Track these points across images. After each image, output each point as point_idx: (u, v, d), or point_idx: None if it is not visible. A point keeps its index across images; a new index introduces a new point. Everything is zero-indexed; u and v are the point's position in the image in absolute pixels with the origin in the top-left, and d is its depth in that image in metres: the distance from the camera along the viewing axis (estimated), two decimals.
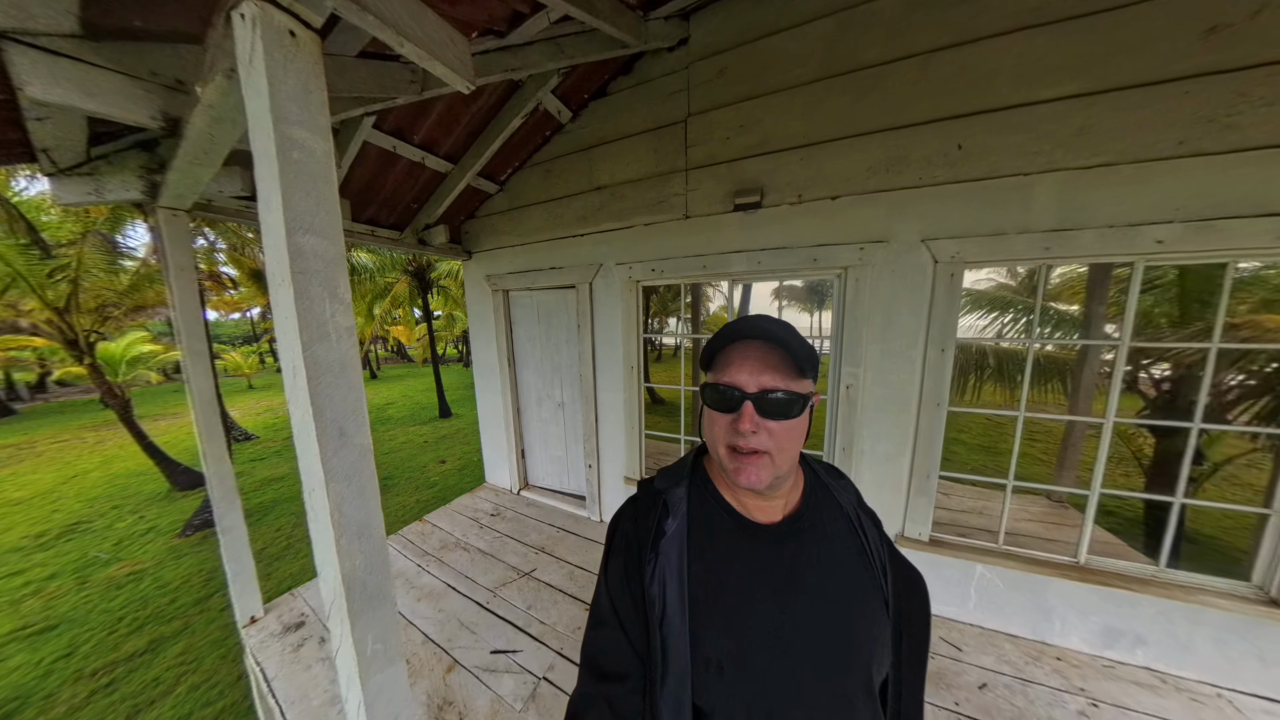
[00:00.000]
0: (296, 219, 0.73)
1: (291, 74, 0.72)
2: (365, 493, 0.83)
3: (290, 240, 0.73)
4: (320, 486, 0.78)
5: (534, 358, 3.05)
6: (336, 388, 0.79)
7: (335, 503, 0.79)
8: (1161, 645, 1.58)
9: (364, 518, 0.83)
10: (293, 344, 0.75)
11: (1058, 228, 1.56)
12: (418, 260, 9.32)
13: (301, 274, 0.75)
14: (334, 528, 0.79)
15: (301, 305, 0.74)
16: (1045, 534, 2.38)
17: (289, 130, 0.71)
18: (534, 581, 2.15)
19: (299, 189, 0.74)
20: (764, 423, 0.48)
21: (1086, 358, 3.09)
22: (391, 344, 27.05)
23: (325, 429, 0.78)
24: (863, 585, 0.53)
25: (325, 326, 0.77)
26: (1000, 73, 1.56)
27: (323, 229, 0.77)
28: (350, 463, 0.81)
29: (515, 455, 3.19)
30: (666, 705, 0.47)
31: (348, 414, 0.81)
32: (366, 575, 0.84)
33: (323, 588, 0.84)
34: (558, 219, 2.62)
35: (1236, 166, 1.35)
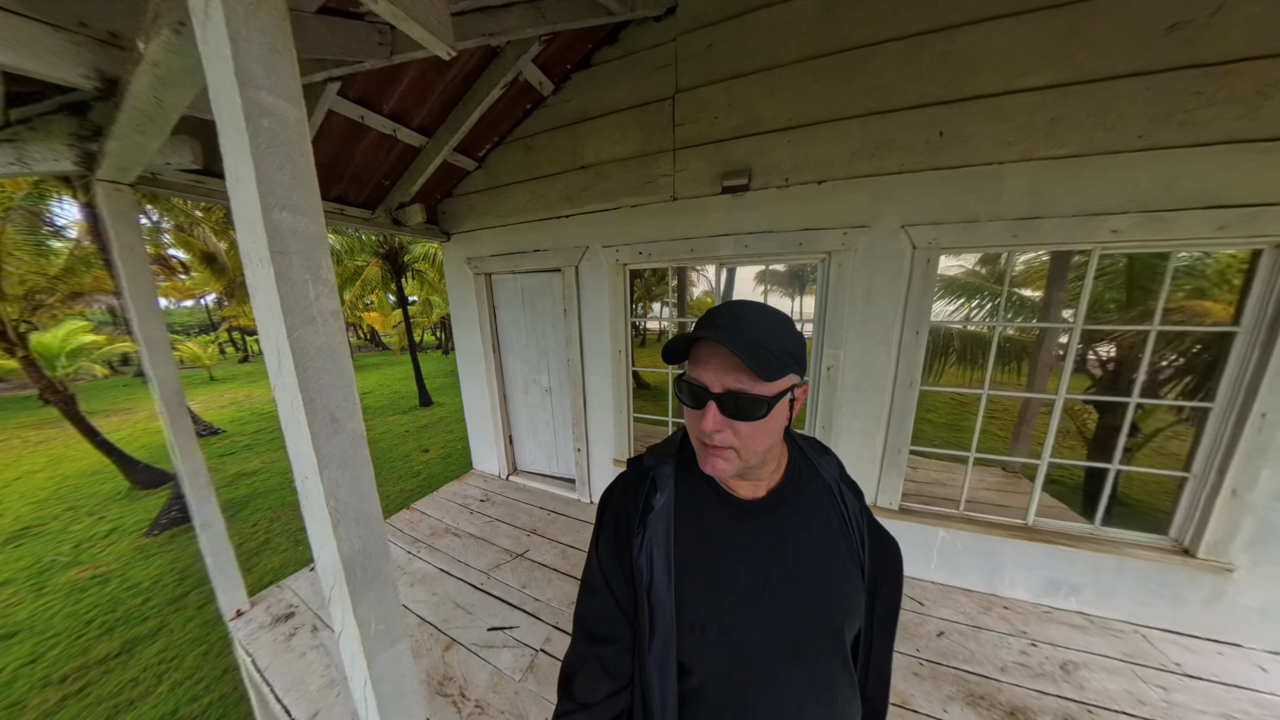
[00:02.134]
0: (272, 194, 0.69)
1: (256, 30, 0.65)
2: (361, 478, 0.83)
3: (267, 218, 0.69)
4: (314, 474, 0.77)
5: (519, 343, 3.00)
6: (325, 373, 0.77)
7: (330, 489, 0.78)
8: (1092, 592, 1.79)
9: (361, 503, 0.83)
10: (276, 328, 0.72)
11: (1026, 216, 1.65)
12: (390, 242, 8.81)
13: (281, 254, 0.71)
14: (330, 514, 0.78)
15: (284, 287, 0.71)
16: (1000, 500, 2.61)
17: (257, 95, 0.66)
18: (527, 562, 2.20)
19: (272, 162, 0.69)
20: (729, 422, 0.48)
21: (1043, 340, 3.32)
22: (365, 331, 25.84)
23: (316, 416, 0.76)
24: (840, 553, 0.56)
25: (310, 309, 0.74)
26: (983, 60, 1.59)
27: (301, 205, 0.73)
28: (344, 449, 0.80)
29: (503, 441, 3.18)
30: (654, 663, 0.50)
31: (339, 400, 0.79)
32: (366, 559, 0.84)
33: (321, 573, 0.84)
34: (541, 199, 2.53)
35: (1187, 161, 1.45)
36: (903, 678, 1.53)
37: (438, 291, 11.84)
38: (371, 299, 13.03)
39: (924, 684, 1.51)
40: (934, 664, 1.58)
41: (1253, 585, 1.59)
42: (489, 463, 3.33)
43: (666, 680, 0.50)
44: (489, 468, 3.34)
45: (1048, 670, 1.55)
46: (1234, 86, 1.37)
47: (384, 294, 11.76)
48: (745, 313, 0.50)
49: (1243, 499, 1.56)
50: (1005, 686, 1.49)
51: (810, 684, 0.52)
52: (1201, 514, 1.64)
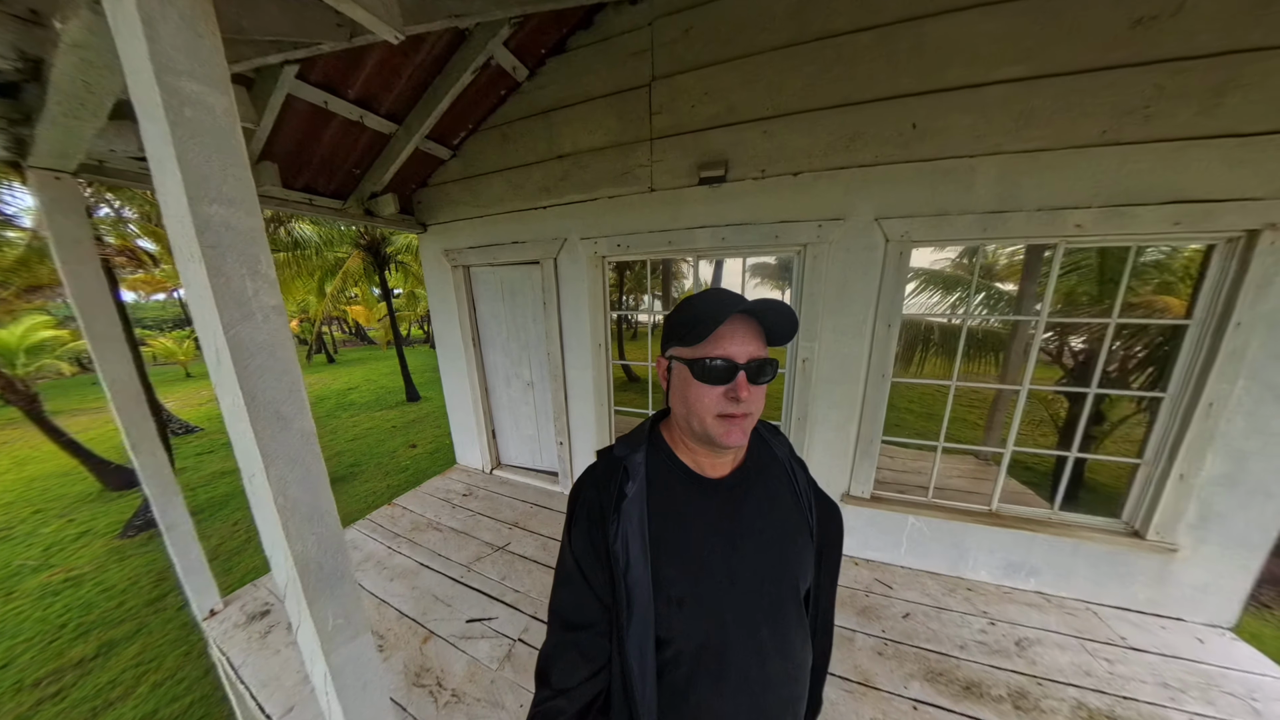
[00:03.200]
0: (199, 187, 0.66)
1: (172, 12, 0.62)
2: (312, 475, 0.81)
3: (195, 211, 0.66)
4: (260, 473, 0.76)
5: (500, 337, 2.97)
6: (268, 370, 0.75)
7: (279, 488, 0.77)
8: (1049, 573, 1.88)
9: (313, 501, 0.82)
10: (212, 325, 0.70)
11: (995, 209, 1.67)
12: (370, 233, 8.57)
13: (213, 249, 0.68)
14: (280, 513, 0.77)
15: (217, 283, 0.68)
16: (969, 487, 2.70)
17: (176, 82, 0.62)
18: (508, 555, 2.21)
19: (198, 152, 0.65)
20: (751, 388, 0.54)
21: (1016, 332, 3.41)
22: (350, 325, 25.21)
23: (260, 413, 0.74)
24: (794, 521, 0.62)
25: (248, 305, 0.72)
26: (955, 51, 1.58)
27: (233, 198, 0.70)
28: (292, 447, 0.79)
29: (486, 436, 3.16)
30: (632, 641, 0.53)
31: (284, 397, 0.77)
32: (321, 556, 0.83)
33: (275, 573, 0.84)
34: (518, 189, 2.47)
35: (1146, 157, 1.48)
36: (868, 657, 1.59)
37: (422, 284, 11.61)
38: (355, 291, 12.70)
39: (888, 663, 1.57)
40: (898, 644, 1.65)
41: (1194, 564, 1.69)
42: (472, 457, 3.31)
43: (645, 656, 0.53)
44: (472, 462, 3.33)
45: (1004, 647, 1.63)
46: (1193, 83, 1.39)
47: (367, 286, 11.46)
48: (729, 294, 0.56)
49: (1189, 483, 1.64)
50: (963, 663, 1.56)
51: (773, 638, 0.57)
52: (1152, 498, 1.73)
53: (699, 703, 0.55)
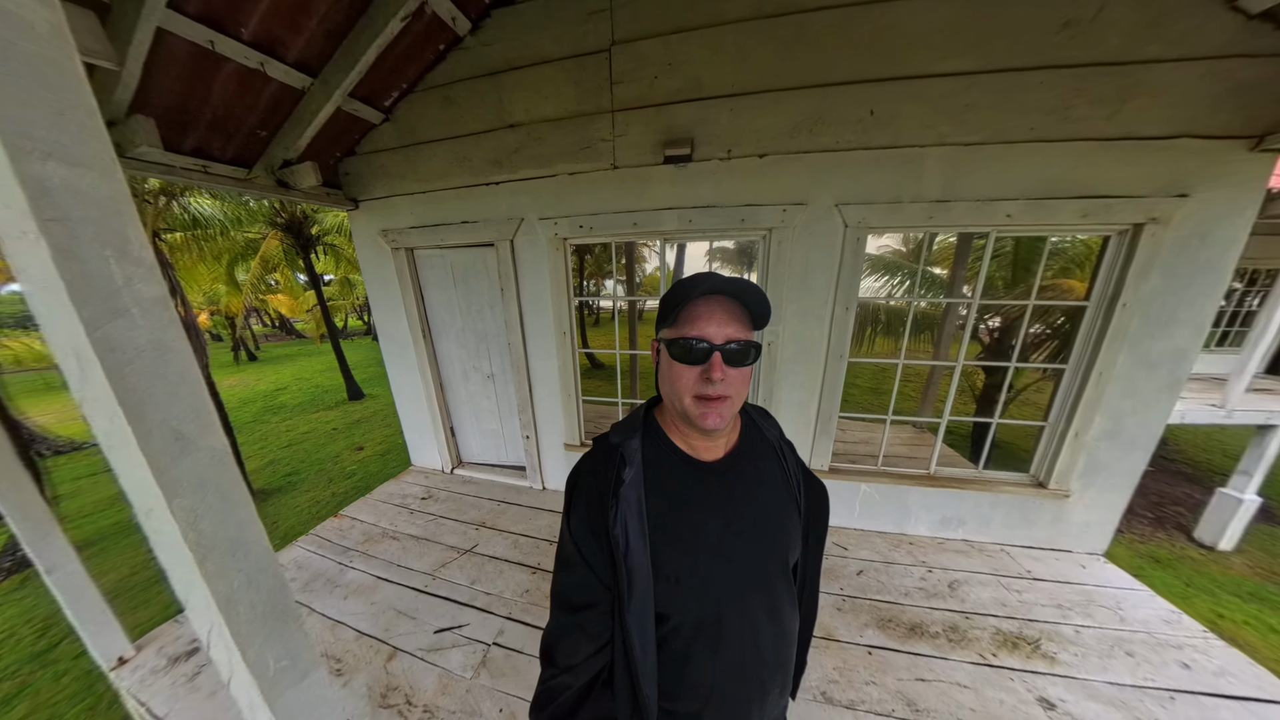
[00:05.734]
0: (21, 136, 0.49)
1: None
2: (232, 502, 0.68)
3: (20, 171, 0.49)
4: (160, 507, 0.62)
5: (454, 326, 2.73)
6: (157, 379, 0.60)
7: (188, 522, 0.64)
8: (973, 523, 2.17)
9: (235, 532, 0.69)
10: (66, 325, 0.54)
11: (940, 199, 1.78)
12: (289, 210, 7.40)
13: (57, 223, 0.51)
14: (194, 550, 0.64)
15: (69, 270, 0.52)
16: (910, 454, 3.02)
17: None
18: (476, 557, 2.12)
19: (17, 88, 0.48)
20: (728, 371, 0.54)
21: (948, 313, 3.79)
22: (273, 317, 22.10)
23: (151, 433, 0.59)
24: (784, 499, 0.65)
25: (118, 298, 0.56)
26: (910, 38, 1.62)
27: (77, 154, 0.53)
28: (200, 470, 0.65)
29: (444, 433, 2.95)
30: (633, 618, 0.55)
31: (183, 410, 0.63)
32: (252, 593, 0.71)
33: (193, 619, 0.70)
34: (466, 162, 2.23)
35: (1065, 154, 1.64)
36: (829, 614, 1.74)
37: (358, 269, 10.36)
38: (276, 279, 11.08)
39: (845, 616, 1.74)
40: (853, 598, 1.83)
41: (1080, 506, 2.03)
42: (429, 457, 3.09)
43: (646, 631, 0.56)
44: (430, 462, 3.10)
45: (939, 590, 1.87)
46: (1104, 88, 1.55)
47: (290, 272, 10.02)
48: (720, 275, 0.56)
49: (1081, 440, 1.95)
50: (907, 608, 1.77)
51: (765, 608, 0.61)
52: (1053, 454, 2.03)
53: (696, 671, 0.58)
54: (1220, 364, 4.29)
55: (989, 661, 1.53)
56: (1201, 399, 3.77)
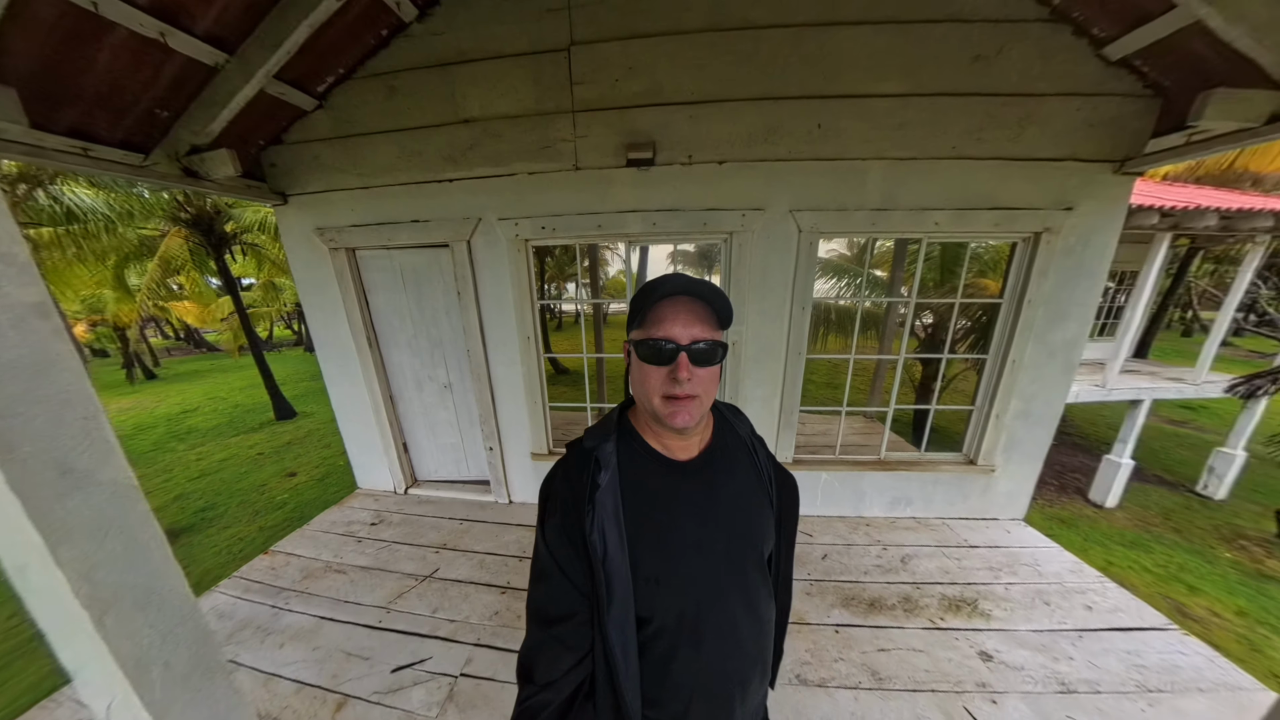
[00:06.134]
0: None
1: None
2: (140, 543, 0.58)
3: None
4: (41, 559, 0.50)
5: (405, 334, 2.53)
6: (36, 402, 0.49)
7: (80, 573, 0.52)
8: (919, 501, 2.38)
9: (146, 579, 0.58)
10: None
11: (881, 207, 1.95)
12: (196, 203, 6.43)
13: None
14: (87, 606, 0.52)
15: None
16: (863, 442, 3.26)
17: None
18: (437, 583, 1.96)
19: None
20: (695, 370, 0.55)
21: (889, 312, 4.16)
22: (177, 328, 19.01)
23: (29, 471, 0.48)
24: (756, 494, 0.67)
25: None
26: (852, 61, 1.76)
27: None
28: (97, 509, 0.54)
29: (395, 451, 2.71)
30: (613, 625, 0.55)
31: (71, 439, 0.52)
32: (171, 651, 0.60)
33: (85, 693, 0.58)
34: (415, 156, 2.08)
35: (980, 171, 1.86)
36: (798, 599, 1.82)
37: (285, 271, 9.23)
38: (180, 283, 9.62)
39: (814, 600, 1.82)
40: (820, 582, 1.93)
41: (1004, 478, 2.31)
42: (378, 478, 2.82)
43: (627, 637, 0.55)
44: (379, 484, 2.83)
45: (893, 565, 2.03)
46: (1007, 114, 1.78)
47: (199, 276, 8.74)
48: (685, 278, 0.56)
49: (1001, 420, 2.21)
50: (867, 585, 1.90)
51: (742, 601, 0.62)
52: (979, 434, 2.29)
53: (680, 671, 0.58)
54: (1100, 351, 5.11)
55: (938, 625, 1.68)
56: (1088, 381, 4.46)
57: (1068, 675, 1.47)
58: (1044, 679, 1.46)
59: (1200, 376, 4.58)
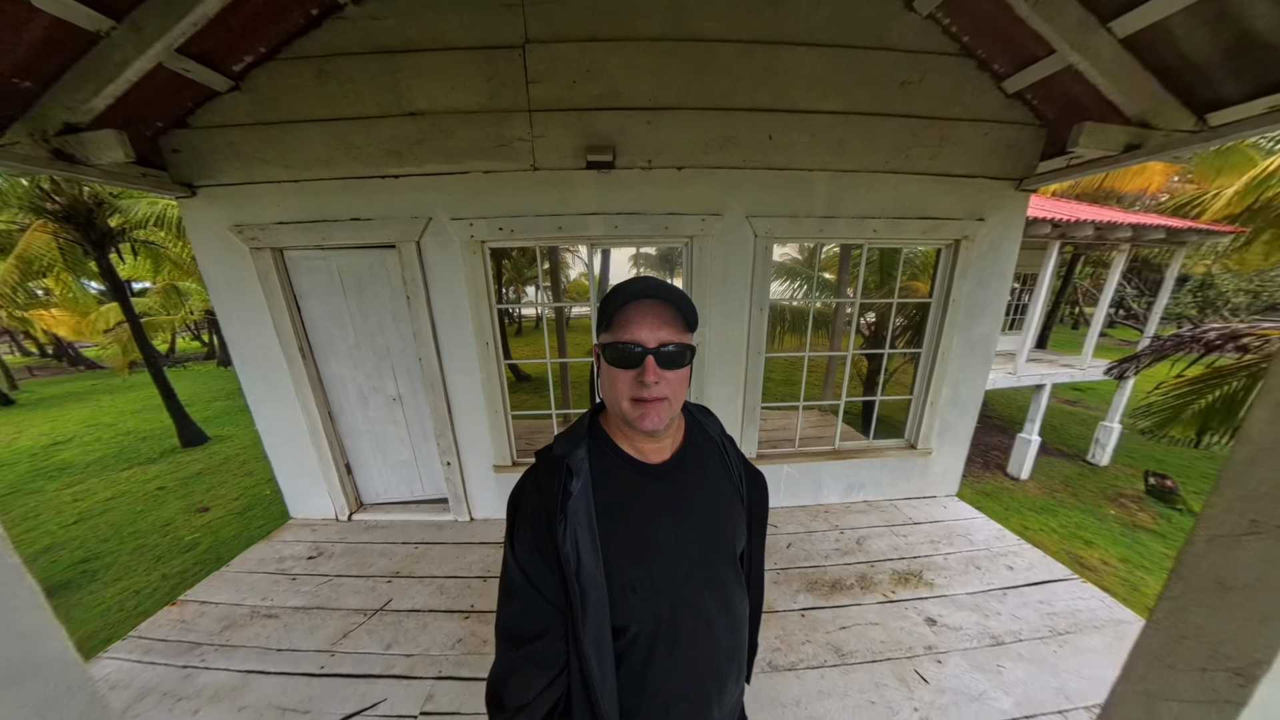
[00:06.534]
0: None
1: None
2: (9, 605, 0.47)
3: None
4: None
5: (345, 342, 2.31)
6: None
7: None
8: (870, 485, 2.57)
9: (20, 647, 0.48)
10: None
11: (827, 215, 2.10)
12: (69, 192, 5.36)
13: None
14: None
15: None
16: (819, 434, 3.47)
17: None
18: (390, 615, 1.78)
19: None
20: (663, 373, 0.55)
21: (837, 312, 4.48)
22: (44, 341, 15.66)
23: None
24: (728, 493, 0.68)
25: None
26: (797, 78, 1.88)
27: None
28: None
29: (337, 473, 2.45)
30: (589, 637, 0.53)
31: None
32: None
33: None
34: (354, 149, 1.91)
35: (910, 184, 2.07)
36: (766, 589, 1.89)
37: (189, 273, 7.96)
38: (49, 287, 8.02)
39: (780, 588, 1.90)
40: (785, 569, 2.02)
41: (939, 459, 2.56)
42: (316, 505, 2.51)
43: (603, 648, 0.54)
44: (317, 511, 2.53)
45: (850, 547, 2.17)
46: (929, 135, 2.00)
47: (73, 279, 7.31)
48: (653, 281, 0.57)
49: (935, 407, 2.46)
50: (828, 568, 2.02)
51: (715, 599, 0.62)
52: (918, 421, 2.52)
53: (657, 678, 0.58)
54: (1009, 343, 5.86)
55: (890, 598, 1.82)
56: (1002, 369, 5.09)
57: (996, 629, 1.66)
58: (978, 635, 1.63)
59: (1086, 362, 5.41)
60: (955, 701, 1.38)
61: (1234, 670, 0.41)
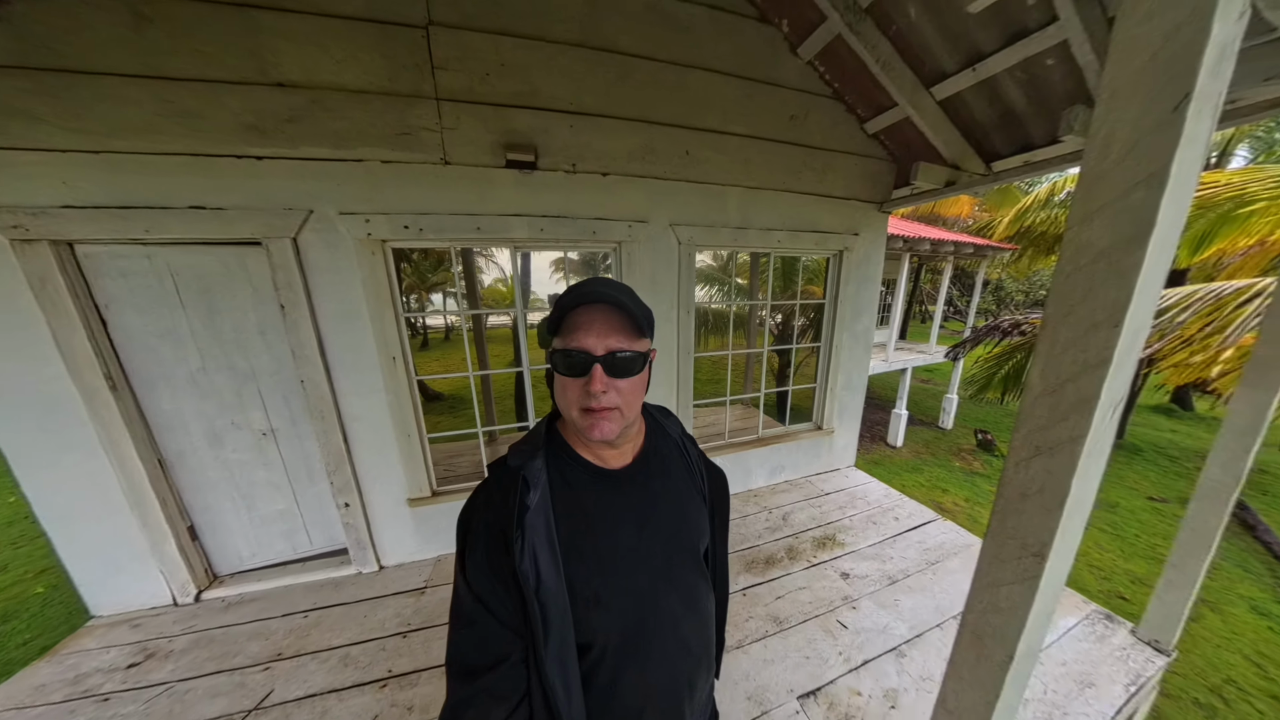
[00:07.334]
0: None
1: None
2: None
3: None
4: None
5: (185, 366, 1.80)
6: None
7: None
8: (789, 467, 2.89)
9: None
10: None
11: (740, 226, 2.32)
12: None
13: None
14: None
15: None
16: (744, 426, 3.78)
17: None
18: (272, 712, 1.40)
19: None
20: (613, 382, 0.53)
21: (751, 313, 4.99)
22: None
23: None
24: (691, 493, 0.68)
25: None
26: (707, 101, 2.05)
27: None
28: None
29: (176, 541, 1.84)
30: (551, 657, 0.50)
31: None
32: None
33: None
34: (193, 119, 1.51)
35: (804, 202, 2.39)
36: None
37: None
38: None
39: None
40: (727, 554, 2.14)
41: (840, 436, 3.00)
42: (137, 592, 1.84)
43: (568, 671, 0.51)
44: (139, 600, 1.85)
45: (777, 524, 2.40)
46: (815, 162, 2.34)
47: None
48: (603, 285, 0.54)
49: (834, 392, 2.87)
50: (761, 546, 2.20)
51: (683, 601, 0.62)
52: (823, 405, 2.92)
53: (627, 692, 0.56)
54: (881, 336, 7.17)
55: (813, 563, 2.06)
56: (878, 358, 6.18)
57: (892, 570, 1.99)
58: (880, 579, 1.93)
59: (932, 349, 6.88)
60: (869, 639, 1.61)
61: (1034, 553, 0.56)
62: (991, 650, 0.62)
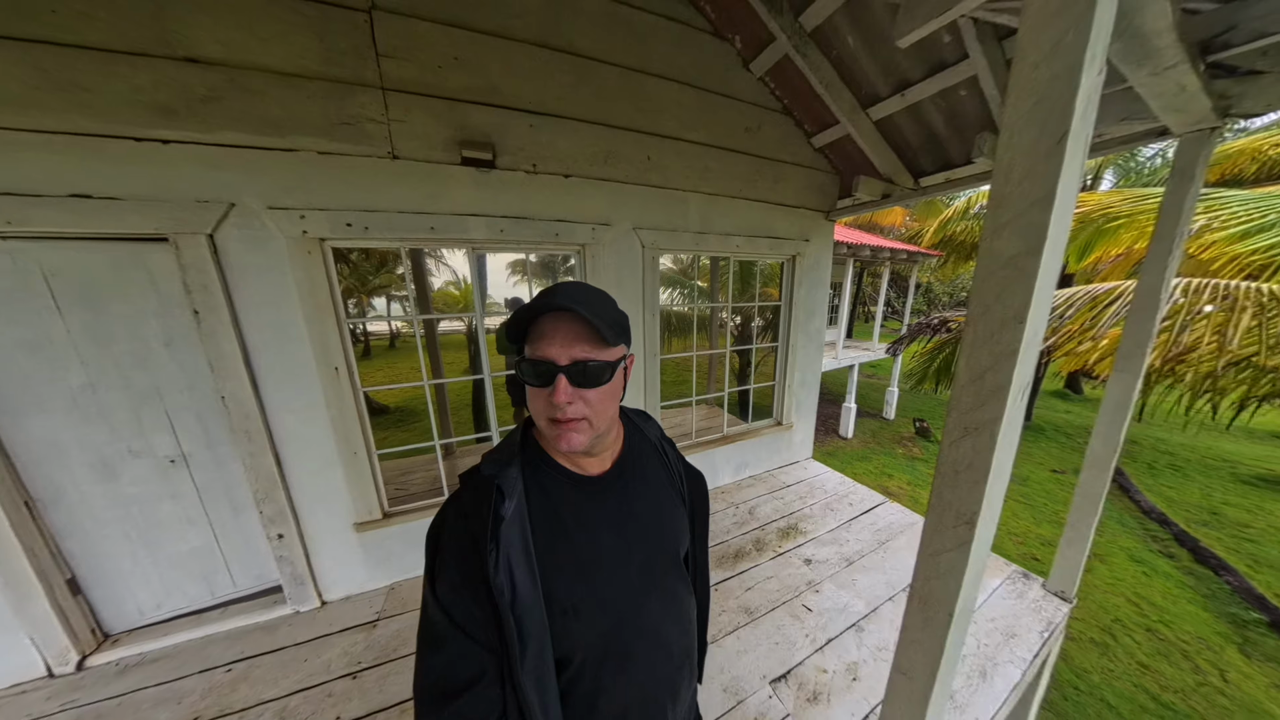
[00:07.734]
0: None
1: None
2: None
3: None
4: None
5: (64, 385, 1.49)
6: None
7: None
8: (753, 463, 3.01)
9: None
10: None
11: (701, 230, 2.39)
12: None
13: None
14: None
15: None
16: (709, 425, 3.89)
17: None
18: None
19: None
20: (579, 392, 0.51)
21: (713, 315, 5.16)
22: None
23: None
24: (671, 496, 0.67)
25: None
26: (667, 110, 2.11)
27: None
28: None
29: (50, 598, 1.52)
30: (528, 673, 0.49)
31: None
32: None
33: None
34: (80, 92, 1.29)
35: (759, 209, 2.52)
36: None
37: None
38: None
39: None
40: None
41: (798, 431, 3.18)
42: None
43: (545, 683, 0.50)
44: (1, 674, 1.49)
45: (744, 519, 2.49)
46: (768, 172, 2.48)
47: None
48: (578, 288, 0.54)
49: (792, 389, 3.05)
50: (730, 541, 2.27)
51: (664, 605, 0.61)
52: (782, 402, 3.08)
53: (608, 706, 0.55)
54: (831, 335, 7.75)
55: (779, 553, 2.16)
56: (829, 356, 6.66)
57: (848, 553, 2.14)
58: (838, 561, 2.07)
59: (874, 346, 7.54)
60: (831, 619, 1.72)
61: (966, 522, 0.64)
62: (935, 612, 0.69)
